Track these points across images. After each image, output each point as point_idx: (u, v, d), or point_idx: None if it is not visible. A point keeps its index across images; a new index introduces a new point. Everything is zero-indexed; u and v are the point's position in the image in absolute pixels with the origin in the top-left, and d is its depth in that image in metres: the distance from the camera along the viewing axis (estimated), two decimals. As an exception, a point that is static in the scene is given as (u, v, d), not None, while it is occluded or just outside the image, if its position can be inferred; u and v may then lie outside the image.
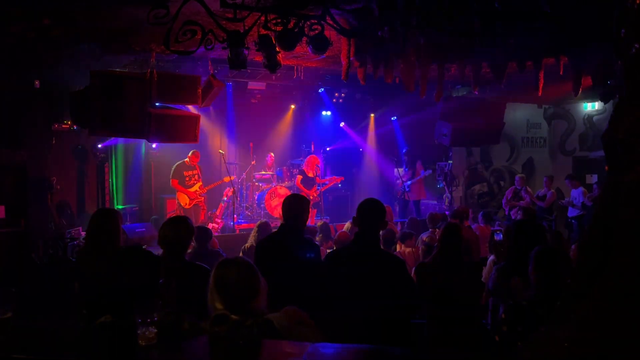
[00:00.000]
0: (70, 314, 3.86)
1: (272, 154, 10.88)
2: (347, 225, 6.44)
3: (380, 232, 5.31)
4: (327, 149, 12.30)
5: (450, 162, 11.14)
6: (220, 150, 9.69)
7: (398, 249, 5.71)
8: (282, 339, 1.97)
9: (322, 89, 11.25)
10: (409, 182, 10.53)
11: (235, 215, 9.33)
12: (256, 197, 10.44)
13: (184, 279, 2.98)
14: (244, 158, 10.79)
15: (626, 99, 1.64)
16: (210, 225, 8.96)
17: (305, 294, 3.30)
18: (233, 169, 10.19)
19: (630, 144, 1.56)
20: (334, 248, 5.46)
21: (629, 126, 1.58)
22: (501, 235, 4.27)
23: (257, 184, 10.55)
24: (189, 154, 9.05)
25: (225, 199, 10.08)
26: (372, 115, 12.69)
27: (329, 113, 12.55)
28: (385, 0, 4.39)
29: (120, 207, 10.08)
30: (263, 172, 10.66)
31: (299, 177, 10.02)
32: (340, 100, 11.98)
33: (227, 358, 1.80)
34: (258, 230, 5.60)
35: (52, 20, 5.18)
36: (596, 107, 11.46)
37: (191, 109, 7.88)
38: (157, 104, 6.38)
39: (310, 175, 10.01)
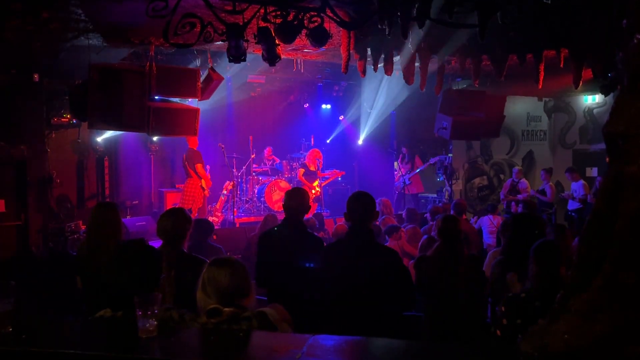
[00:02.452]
0: (71, 307, 3.87)
1: (270, 148, 10.86)
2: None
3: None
4: (327, 141, 12.28)
5: (450, 155, 11.13)
6: (220, 144, 9.68)
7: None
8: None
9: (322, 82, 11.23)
10: (408, 176, 10.53)
11: (235, 209, 9.33)
12: (256, 191, 10.43)
13: (182, 270, 3.00)
14: (243, 151, 10.78)
15: (627, 90, 1.63)
16: (210, 219, 8.96)
17: (305, 287, 3.31)
18: (232, 163, 10.18)
19: (632, 136, 1.55)
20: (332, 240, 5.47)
21: (630, 118, 1.58)
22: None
23: (256, 177, 10.54)
24: (190, 141, 8.92)
25: (225, 192, 10.08)
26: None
27: (328, 106, 12.52)
28: (385, -8, 4.37)
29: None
30: (262, 165, 10.65)
31: (301, 170, 10.02)
32: (341, 94, 11.94)
33: (228, 349, 1.80)
34: (264, 222, 5.68)
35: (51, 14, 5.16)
36: (596, 100, 11.44)
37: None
38: (156, 97, 6.37)
39: (312, 168, 10.01)
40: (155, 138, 10.10)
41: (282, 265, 3.51)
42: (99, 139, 9.67)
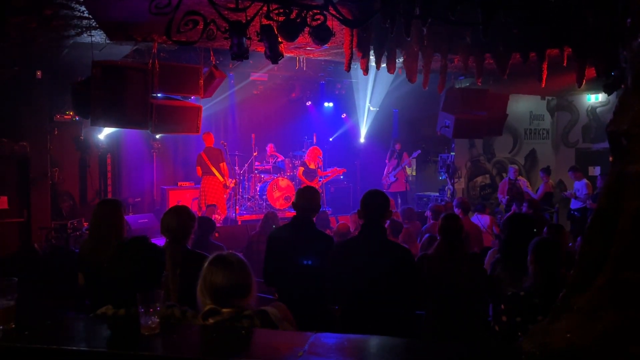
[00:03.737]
0: (73, 304, 3.88)
1: (272, 145, 10.86)
2: (353, 217, 6.44)
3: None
4: (330, 139, 12.26)
5: (452, 153, 11.12)
6: (223, 142, 9.68)
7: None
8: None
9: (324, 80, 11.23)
10: (394, 172, 10.54)
11: (237, 207, 9.34)
12: (258, 189, 10.44)
13: (187, 267, 3.00)
14: (245, 149, 10.80)
15: (631, 89, 1.63)
16: (213, 217, 8.97)
17: (315, 286, 3.31)
18: (235, 160, 10.19)
19: (635, 134, 1.55)
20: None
21: (633, 117, 1.57)
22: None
23: (259, 175, 10.56)
24: (206, 137, 8.93)
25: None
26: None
27: (331, 104, 12.51)
28: (388, -10, 4.36)
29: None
30: (265, 163, 10.66)
31: (301, 168, 10.01)
32: (343, 92, 11.93)
33: (230, 347, 1.80)
34: (264, 219, 5.69)
35: (53, 11, 5.16)
36: (600, 99, 11.41)
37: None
38: (158, 94, 6.37)
39: (312, 167, 10.00)
40: (157, 135, 10.12)
41: (290, 264, 3.50)
42: (102, 136, 9.68)
